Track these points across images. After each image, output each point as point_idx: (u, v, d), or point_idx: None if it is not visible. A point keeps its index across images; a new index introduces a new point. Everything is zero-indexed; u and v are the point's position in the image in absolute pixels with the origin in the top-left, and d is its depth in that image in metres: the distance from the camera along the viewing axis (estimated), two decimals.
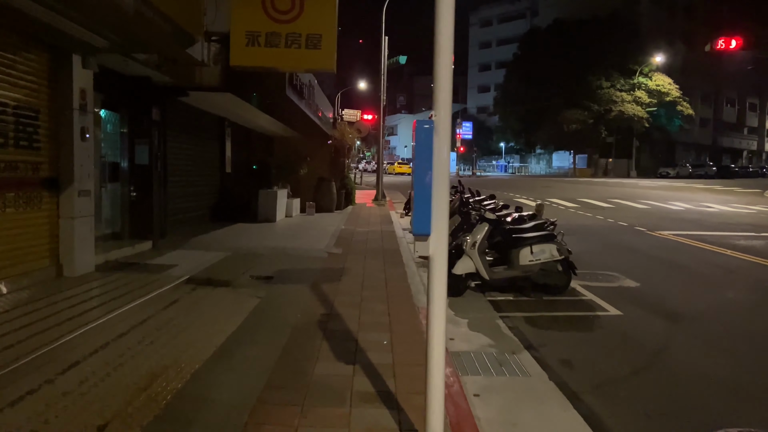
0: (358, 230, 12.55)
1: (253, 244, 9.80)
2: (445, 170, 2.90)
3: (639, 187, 33.04)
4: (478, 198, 11.04)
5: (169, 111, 9.56)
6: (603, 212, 17.68)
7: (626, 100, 50.14)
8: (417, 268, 8.50)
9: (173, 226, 10.15)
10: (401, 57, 23.25)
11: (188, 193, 10.88)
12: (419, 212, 2.84)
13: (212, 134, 12.21)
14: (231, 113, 12.01)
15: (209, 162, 12.11)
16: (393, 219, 15.28)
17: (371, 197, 22.46)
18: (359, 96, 62.55)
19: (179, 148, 10.28)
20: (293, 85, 9.66)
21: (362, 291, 6.76)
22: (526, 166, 65.31)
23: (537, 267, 6.94)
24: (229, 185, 13.32)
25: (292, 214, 14.96)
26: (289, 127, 14.57)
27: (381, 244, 10.57)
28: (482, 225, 6.97)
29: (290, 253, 9.17)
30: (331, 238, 10.96)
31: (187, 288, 6.59)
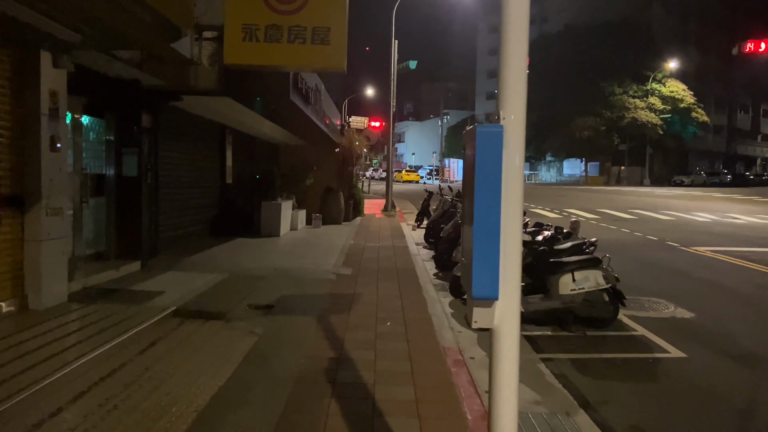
0: (368, 246, 11.61)
1: (254, 263, 8.87)
2: (517, 201, 1.95)
3: (656, 196, 31.95)
4: None
5: (162, 117, 8.68)
6: (627, 224, 16.66)
7: (639, 106, 49.06)
8: (436, 293, 7.55)
9: (167, 244, 9.24)
10: (411, 62, 22.39)
11: (184, 206, 9.98)
12: (482, 265, 1.89)
13: (211, 142, 11.33)
14: (231, 120, 11.13)
15: (208, 172, 11.21)
16: (405, 232, 14.33)
17: (380, 207, 21.53)
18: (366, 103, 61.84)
19: (173, 158, 9.38)
20: (298, 88, 8.76)
21: (377, 325, 5.80)
22: (536, 174, 64.18)
23: (580, 298, 5.96)
24: (230, 197, 12.42)
25: (297, 227, 14.05)
26: (294, 135, 13.68)
27: (394, 263, 9.62)
28: None
29: (294, 274, 8.23)
30: (339, 256, 10.01)
31: (172, 323, 5.65)
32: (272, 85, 8.28)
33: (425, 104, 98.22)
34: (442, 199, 13.10)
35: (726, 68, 57.57)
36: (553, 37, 57.47)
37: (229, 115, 10.17)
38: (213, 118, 10.73)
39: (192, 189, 10.31)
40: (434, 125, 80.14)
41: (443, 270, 9.41)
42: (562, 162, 59.25)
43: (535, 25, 72.55)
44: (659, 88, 50.39)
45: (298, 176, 15.08)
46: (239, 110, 9.40)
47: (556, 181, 59.58)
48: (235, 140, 12.60)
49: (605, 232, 14.75)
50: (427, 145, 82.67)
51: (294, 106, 8.92)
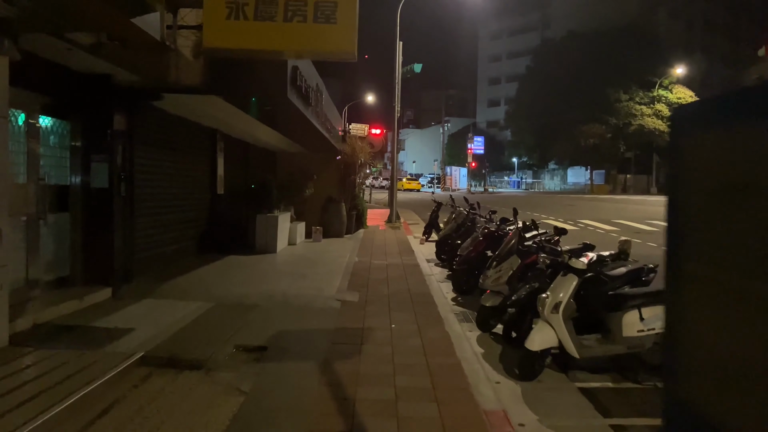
0: (374, 263, 10.42)
1: (246, 287, 7.68)
2: None
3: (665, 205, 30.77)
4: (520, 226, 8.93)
5: (139, 119, 7.52)
6: (651, 237, 15.48)
7: (646, 113, 48.00)
8: (460, 325, 6.38)
9: (146, 265, 8.06)
10: (416, 65, 21.29)
11: (167, 221, 8.79)
12: None
13: (200, 149, 10.16)
14: (222, 123, 9.98)
15: (196, 183, 10.04)
16: (413, 247, 13.14)
17: (383, 218, 20.36)
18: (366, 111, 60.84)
19: (153, 166, 8.21)
20: (297, 86, 7.61)
21: (395, 376, 4.61)
22: (539, 182, 63.09)
23: (650, 341, 4.78)
24: (222, 209, 11.24)
25: (296, 241, 12.87)
26: (292, 141, 12.53)
27: (406, 285, 8.44)
28: (567, 278, 4.82)
29: (292, 302, 7.04)
30: (344, 277, 8.83)
31: (137, 375, 4.46)
32: (267, 81, 7.13)
33: (426, 112, 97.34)
34: (454, 211, 11.95)
35: (731, 75, 56.64)
36: (556, 43, 56.55)
37: (219, 117, 9.02)
38: (201, 121, 9.58)
39: (176, 201, 9.13)
40: (435, 133, 79.14)
41: (463, 294, 8.25)
42: (566, 170, 58.14)
43: (536, 32, 71.82)
44: (666, 94, 49.37)
45: (297, 186, 13.92)
46: (229, 112, 8.25)
47: (560, 189, 58.47)
48: (227, 147, 11.44)
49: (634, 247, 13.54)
50: (427, 152, 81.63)
51: (292, 107, 7.77)
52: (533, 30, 74.07)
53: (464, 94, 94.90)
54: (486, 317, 6.24)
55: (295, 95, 7.68)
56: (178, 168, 9.16)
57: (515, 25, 77.99)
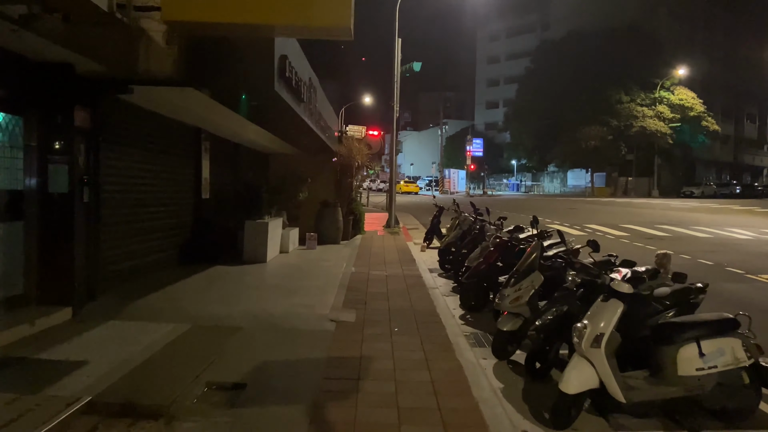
0: (373, 274, 9.56)
1: (228, 305, 6.80)
2: None
3: (673, 209, 30.05)
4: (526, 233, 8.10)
5: (107, 115, 6.66)
6: (664, 244, 14.64)
7: (648, 115, 47.26)
8: (472, 350, 5.53)
9: (117, 279, 7.19)
10: (415, 63, 20.46)
11: (142, 229, 7.92)
12: None
13: (182, 150, 9.28)
14: (207, 121, 9.11)
15: (177, 186, 9.16)
16: (414, 255, 12.29)
17: (381, 222, 19.49)
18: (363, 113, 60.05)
19: (126, 168, 7.34)
20: (286, 78, 6.75)
21: (399, 427, 3.75)
22: (538, 185, 62.28)
23: (712, 381, 3.92)
24: (207, 215, 10.37)
25: (288, 249, 11.99)
26: (284, 141, 11.67)
27: (408, 301, 7.58)
28: (610, 305, 3.96)
29: (280, 323, 6.17)
30: (339, 291, 7.96)
31: (80, 428, 3.58)
32: (251, 72, 6.27)
33: (423, 114, 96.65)
34: (459, 216, 11.11)
35: (733, 76, 56.08)
36: (556, 44, 55.81)
37: (201, 114, 8.16)
38: (182, 118, 8.71)
39: (154, 207, 8.25)
40: (432, 135, 78.35)
41: (471, 311, 7.40)
42: (565, 172, 57.36)
43: (535, 34, 71.17)
44: (668, 96, 48.66)
45: (290, 189, 13.06)
46: (211, 107, 7.38)
47: (560, 192, 57.69)
48: (213, 147, 10.57)
49: (647, 254, 12.72)
50: (425, 155, 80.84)
51: (280, 102, 6.91)
52: (532, 31, 73.38)
53: (462, 96, 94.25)
54: (503, 343, 5.39)
55: (285, 89, 6.82)
56: (156, 170, 8.29)
57: (514, 27, 77.30)
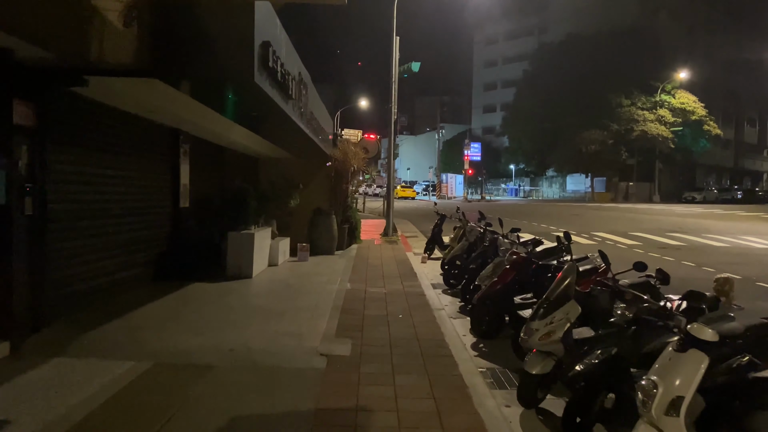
0: (370, 292, 8.58)
1: (201, 335, 5.80)
2: None
3: (678, 215, 29.20)
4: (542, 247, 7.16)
5: (58, 112, 5.67)
6: (680, 254, 13.73)
7: (649, 119, 46.46)
8: (492, 395, 4.55)
9: (73, 303, 6.18)
10: (414, 63, 19.52)
11: (106, 244, 6.90)
12: None
13: (156, 153, 8.28)
14: (184, 121, 8.12)
15: (150, 194, 8.15)
16: (414, 267, 11.30)
17: (378, 230, 18.51)
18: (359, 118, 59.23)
19: (84, 175, 6.34)
20: (270, 69, 5.77)
21: None
22: (537, 190, 61.40)
23: None
24: (187, 226, 9.36)
25: (278, 261, 10.99)
26: (272, 144, 10.69)
27: (411, 327, 6.59)
28: (689, 357, 2.98)
29: (260, 359, 5.16)
30: (332, 315, 6.96)
31: None
32: (227, 60, 5.29)
33: (420, 118, 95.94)
34: (464, 226, 10.15)
35: (733, 80, 55.43)
36: (555, 47, 55.04)
37: (176, 112, 7.16)
38: (154, 118, 7.71)
39: (121, 219, 7.25)
40: (429, 139, 77.51)
41: (484, 338, 6.44)
42: (565, 177, 56.48)
43: (533, 37, 70.47)
44: (669, 99, 47.88)
45: (280, 196, 12.08)
46: (185, 104, 6.40)
47: (560, 197, 56.80)
48: (194, 151, 9.57)
49: (666, 266, 11.79)
50: (422, 159, 79.95)
51: (264, 97, 5.93)
52: (530, 35, 72.63)
53: (459, 100, 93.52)
54: (532, 388, 4.41)
55: (268, 81, 5.84)
56: (123, 176, 7.28)
57: (511, 30, 76.54)
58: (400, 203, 41.99)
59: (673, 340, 3.24)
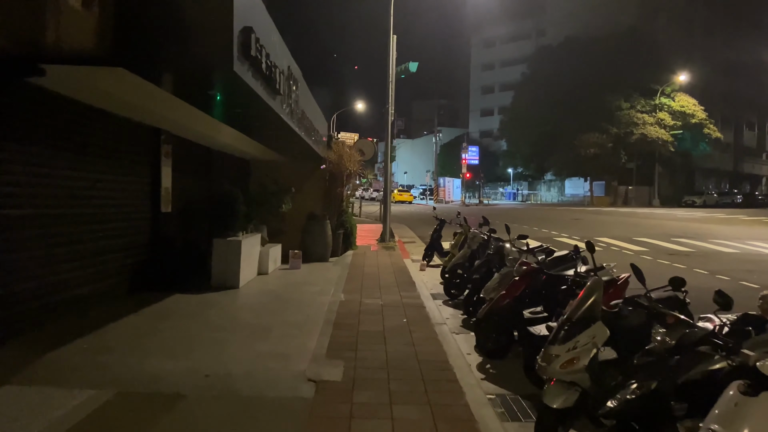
0: (366, 304, 7.95)
1: (173, 358, 5.16)
2: None
3: (680, 220, 28.67)
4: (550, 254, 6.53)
5: (10, 106, 5.04)
6: (690, 261, 13.14)
7: (648, 122, 45.98)
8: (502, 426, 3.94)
9: (33, 320, 5.54)
10: (411, 63, 18.95)
11: (71, 254, 6.26)
12: None
13: (133, 154, 7.64)
14: (165, 119, 7.50)
15: (127, 198, 7.52)
16: (413, 275, 10.67)
17: (374, 235, 17.90)
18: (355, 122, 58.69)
19: (43, 176, 5.71)
20: (253, 59, 5.15)
21: None
22: (535, 194, 60.84)
23: None
24: (169, 233, 8.73)
25: (268, 270, 10.37)
26: (261, 144, 10.08)
27: (411, 344, 5.96)
28: (763, 401, 2.37)
29: (239, 387, 4.53)
30: (323, 331, 6.33)
31: None
32: (201, 46, 4.67)
33: (416, 122, 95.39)
34: (466, 232, 9.56)
35: (732, 83, 55.09)
36: (553, 49, 54.59)
37: (151, 108, 6.54)
38: (130, 115, 7.08)
39: (91, 225, 6.61)
40: (426, 143, 76.94)
41: (491, 357, 5.84)
42: (563, 181, 55.95)
43: (531, 40, 70.08)
44: (668, 102, 47.44)
45: (271, 200, 11.46)
46: (160, 99, 5.79)
47: (558, 201, 56.26)
48: (178, 152, 8.95)
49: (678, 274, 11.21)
50: (419, 163, 79.37)
51: (246, 90, 5.31)
52: (527, 38, 72.24)
53: (456, 104, 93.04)
54: (552, 425, 3.79)
55: (250, 72, 5.23)
56: (94, 179, 6.65)
57: (509, 33, 76.14)
58: (397, 207, 41.38)
59: (727, 373, 2.65)
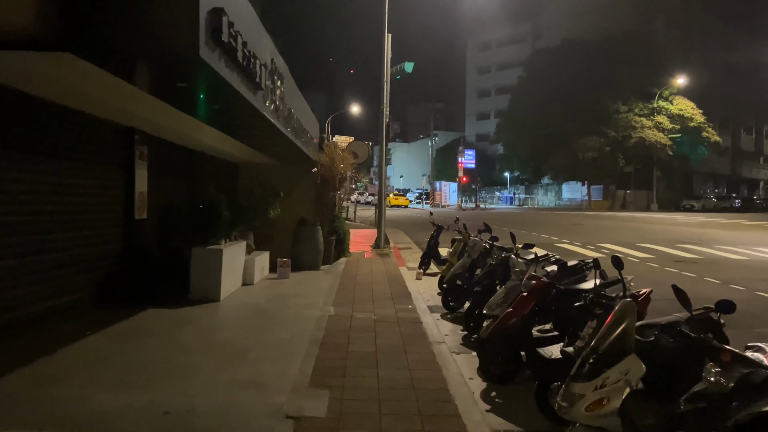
0: (357, 319, 7.29)
1: (129, 390, 4.46)
2: None
3: (681, 224, 28.13)
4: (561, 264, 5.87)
5: None
6: (698, 268, 12.52)
7: (646, 125, 45.51)
8: None
9: None
10: (407, 64, 18.33)
11: (24, 267, 5.57)
12: None
13: (101, 155, 6.96)
14: (137, 118, 6.83)
15: (93, 204, 6.84)
16: (408, 285, 10.01)
17: (369, 241, 17.21)
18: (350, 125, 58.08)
19: None
20: (225, 46, 4.50)
21: None
22: (532, 198, 60.28)
23: None
24: (144, 241, 8.04)
25: (254, 280, 9.68)
26: (246, 145, 9.42)
27: (406, 369, 5.29)
28: None
29: (202, 428, 3.85)
30: (308, 353, 5.65)
31: None
32: (163, 26, 4.01)
33: (412, 125, 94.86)
34: (465, 239, 8.93)
35: (730, 87, 54.74)
36: (550, 52, 54.10)
37: (117, 104, 5.87)
38: (94, 111, 6.40)
39: (51, 234, 5.93)
40: (422, 146, 76.39)
41: (498, 382, 5.18)
42: (560, 185, 55.43)
43: (527, 43, 69.66)
44: (667, 106, 47.00)
45: (258, 205, 10.79)
46: (123, 92, 5.12)
47: (555, 205, 55.72)
48: (156, 154, 8.27)
49: (690, 284, 10.56)
50: (415, 167, 78.80)
51: (218, 80, 4.65)
52: (523, 41, 71.80)
53: (452, 108, 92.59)
54: None
55: (223, 61, 4.57)
56: (54, 183, 5.97)
57: (505, 36, 75.71)
58: (392, 212, 40.70)
59: None
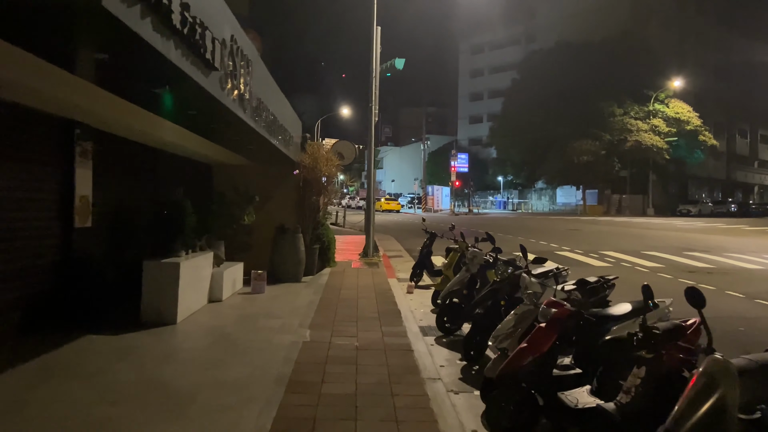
0: (336, 345, 6.14)
1: None
2: None
3: (680, 230, 27.21)
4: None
5: None
6: (716, 280, 11.48)
7: (642, 128, 44.74)
8: None
9: None
10: (398, 60, 17.25)
11: None
12: None
13: (27, 152, 5.80)
14: (76, 107, 5.67)
15: (17, 210, 5.67)
16: (398, 301, 8.87)
17: (357, 248, 16.09)
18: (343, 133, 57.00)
19: None
20: (150, 3, 3.37)
21: None
22: (526, 202, 59.37)
23: None
24: (86, 253, 6.85)
25: (222, 296, 8.51)
26: (212, 142, 8.28)
27: (392, 420, 4.16)
28: None
29: None
30: (270, 399, 4.49)
31: None
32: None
33: (404, 129, 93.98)
34: (463, 251, 7.86)
35: (725, 90, 54.20)
36: (544, 55, 53.31)
37: (35, 86, 4.71)
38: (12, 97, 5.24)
39: None
40: (414, 150, 75.42)
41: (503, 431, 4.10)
42: (555, 189, 54.55)
43: (520, 46, 68.91)
44: (663, 109, 46.26)
45: (231, 211, 9.65)
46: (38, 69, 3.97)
47: (550, 210, 54.82)
48: (104, 152, 7.11)
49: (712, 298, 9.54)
50: (407, 171, 77.78)
51: (141, 45, 3.51)
52: (516, 44, 71.05)
53: (444, 111, 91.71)
54: None
55: (149, 21, 3.43)
56: None
57: (497, 39, 74.94)
58: (383, 217, 39.59)
59: None
